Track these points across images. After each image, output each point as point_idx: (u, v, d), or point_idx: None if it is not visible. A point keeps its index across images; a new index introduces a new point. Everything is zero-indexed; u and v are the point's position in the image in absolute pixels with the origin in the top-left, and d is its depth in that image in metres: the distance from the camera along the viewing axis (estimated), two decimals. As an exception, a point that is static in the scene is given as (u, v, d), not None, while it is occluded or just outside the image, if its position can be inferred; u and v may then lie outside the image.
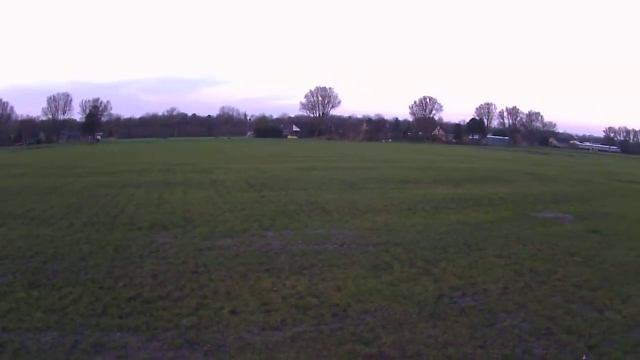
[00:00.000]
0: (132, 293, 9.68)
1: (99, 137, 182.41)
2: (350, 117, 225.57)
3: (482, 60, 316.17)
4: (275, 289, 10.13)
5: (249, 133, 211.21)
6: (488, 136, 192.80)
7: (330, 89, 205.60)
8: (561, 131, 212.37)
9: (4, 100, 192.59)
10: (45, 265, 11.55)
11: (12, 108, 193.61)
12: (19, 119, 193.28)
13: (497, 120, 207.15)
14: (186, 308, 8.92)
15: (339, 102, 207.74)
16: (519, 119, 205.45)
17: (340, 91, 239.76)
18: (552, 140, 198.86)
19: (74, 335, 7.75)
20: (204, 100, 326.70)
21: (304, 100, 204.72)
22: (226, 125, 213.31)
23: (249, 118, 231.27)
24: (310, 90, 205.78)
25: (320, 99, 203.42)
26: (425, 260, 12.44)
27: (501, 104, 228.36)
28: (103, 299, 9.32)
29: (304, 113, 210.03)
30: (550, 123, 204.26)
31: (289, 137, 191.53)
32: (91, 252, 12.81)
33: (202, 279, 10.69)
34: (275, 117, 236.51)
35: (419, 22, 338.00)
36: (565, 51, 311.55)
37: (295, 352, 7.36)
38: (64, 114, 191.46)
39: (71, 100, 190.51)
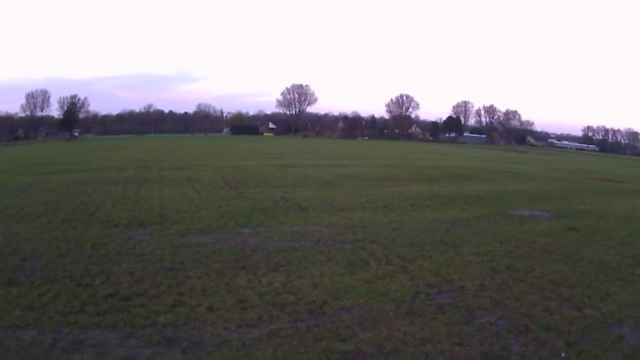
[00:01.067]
0: (109, 290, 9.63)
1: (77, 134, 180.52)
2: (326, 115, 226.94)
3: (459, 58, 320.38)
4: (251, 285, 10.13)
5: (225, 130, 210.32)
6: (465, 134, 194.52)
7: (306, 86, 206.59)
8: (539, 129, 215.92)
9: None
10: (23, 263, 11.45)
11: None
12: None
13: (474, 119, 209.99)
14: (163, 305, 8.90)
15: (315, 99, 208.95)
16: (495, 117, 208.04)
17: (316, 88, 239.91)
18: (530, 139, 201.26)
19: (53, 333, 7.71)
20: (181, 97, 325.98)
21: (280, 97, 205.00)
22: (202, 122, 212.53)
23: (225, 115, 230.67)
24: (287, 87, 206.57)
25: (296, 96, 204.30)
26: (402, 257, 12.51)
27: (478, 102, 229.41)
28: (81, 296, 9.27)
29: (280, 110, 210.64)
30: (528, 121, 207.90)
31: (265, 134, 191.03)
32: (68, 249, 12.71)
33: (179, 275, 10.66)
34: (251, 114, 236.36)
35: (396, 20, 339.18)
36: (542, 50, 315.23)
37: (271, 349, 7.38)
38: (41, 111, 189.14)
39: (49, 97, 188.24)
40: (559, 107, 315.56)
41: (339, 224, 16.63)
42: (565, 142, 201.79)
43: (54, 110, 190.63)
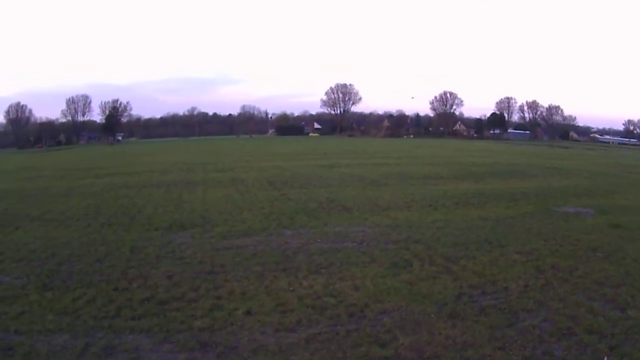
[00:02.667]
0: (146, 294, 9.69)
1: (120, 138, 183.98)
2: (371, 113, 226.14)
3: (502, 53, 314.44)
4: (291, 288, 10.05)
5: (270, 131, 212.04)
6: (509, 130, 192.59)
7: (350, 85, 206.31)
8: (581, 124, 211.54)
9: (22, 103, 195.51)
10: (59, 267, 11.63)
11: (30, 111, 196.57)
12: (38, 121, 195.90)
13: (517, 114, 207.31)
14: (200, 309, 8.88)
15: (360, 99, 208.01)
16: (538, 112, 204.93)
17: (360, 87, 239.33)
18: (573, 134, 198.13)
19: (86, 337, 7.75)
20: (224, 99, 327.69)
21: (325, 97, 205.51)
22: (247, 124, 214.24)
23: (269, 116, 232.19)
24: (331, 87, 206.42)
25: (340, 95, 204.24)
26: (445, 257, 12.30)
27: (521, 98, 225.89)
28: (116, 300, 9.34)
29: (325, 110, 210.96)
30: (570, 116, 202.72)
31: (310, 134, 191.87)
32: (107, 253, 12.88)
33: (218, 279, 10.66)
34: (296, 114, 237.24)
35: (439, 17, 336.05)
36: (583, 44, 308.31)
37: (309, 354, 7.28)
38: (83, 115, 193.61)
39: (90, 102, 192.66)
40: (600, 101, 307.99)
41: (383, 223, 16.46)
42: (607, 137, 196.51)
43: (96, 115, 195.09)
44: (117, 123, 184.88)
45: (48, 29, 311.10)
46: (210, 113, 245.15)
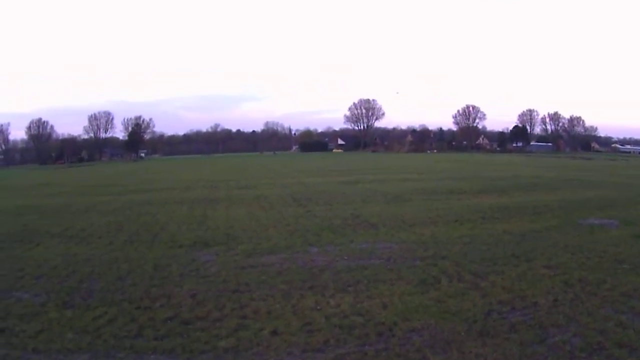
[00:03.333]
0: (169, 313, 9.55)
1: (143, 154, 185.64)
2: (394, 129, 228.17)
3: (523, 65, 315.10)
4: (318, 307, 9.85)
5: (294, 147, 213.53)
6: (531, 143, 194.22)
7: (373, 100, 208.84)
8: (602, 135, 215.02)
9: (43, 119, 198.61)
10: (80, 285, 11.57)
11: (52, 127, 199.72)
12: (59, 137, 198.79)
13: (540, 126, 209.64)
14: (225, 329, 8.71)
15: (383, 114, 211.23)
16: (560, 124, 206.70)
17: (383, 102, 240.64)
18: (594, 145, 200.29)
19: (106, 358, 7.63)
20: (247, 116, 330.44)
21: (348, 113, 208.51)
22: (271, 140, 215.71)
23: (293, 132, 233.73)
24: (354, 103, 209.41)
25: (363, 111, 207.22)
26: (473, 273, 12.09)
27: (543, 110, 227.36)
28: (139, 320, 9.21)
29: (349, 126, 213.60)
30: (592, 127, 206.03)
31: (334, 150, 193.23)
32: (129, 270, 12.80)
33: (243, 298, 10.48)
34: (319, 130, 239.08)
35: (460, 32, 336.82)
36: (605, 54, 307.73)
37: (338, 375, 7.08)
38: (105, 132, 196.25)
39: (112, 118, 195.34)
40: (620, 111, 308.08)
41: (409, 240, 16.22)
42: (629, 147, 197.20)
43: (118, 132, 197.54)
44: (139, 140, 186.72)
45: (70, 46, 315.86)
46: (234, 130, 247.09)
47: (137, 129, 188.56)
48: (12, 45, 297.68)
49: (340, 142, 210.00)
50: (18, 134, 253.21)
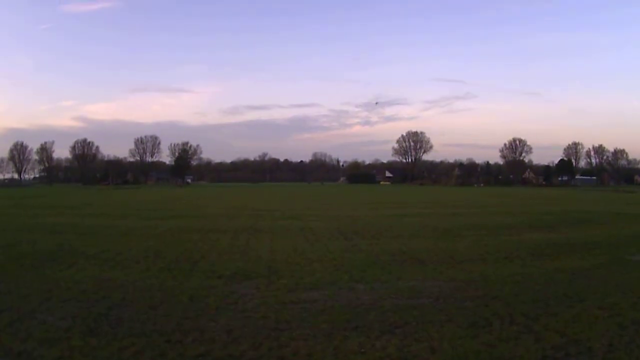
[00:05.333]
0: (201, 349, 9.04)
1: (189, 180, 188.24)
2: (441, 162, 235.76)
3: (567, 98, 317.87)
4: (362, 350, 9.25)
5: (342, 179, 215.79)
6: (576, 176, 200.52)
7: (421, 133, 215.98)
8: None
9: (88, 139, 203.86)
10: (109, 311, 11.28)
11: (97, 148, 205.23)
12: (105, 158, 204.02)
13: (584, 160, 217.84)
14: (261, 371, 8.16)
15: (431, 147, 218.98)
16: (604, 157, 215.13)
17: (431, 135, 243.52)
18: (637, 177, 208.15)
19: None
20: (296, 146, 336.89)
21: (396, 146, 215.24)
22: (318, 171, 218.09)
23: (341, 164, 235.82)
24: (402, 135, 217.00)
25: (412, 143, 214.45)
26: (526, 315, 11.52)
27: (587, 142, 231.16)
28: (167, 354, 8.75)
29: (396, 158, 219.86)
30: (635, 160, 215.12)
31: (381, 182, 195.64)
32: (163, 300, 12.42)
33: (282, 336, 9.89)
34: (367, 162, 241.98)
35: (503, 66, 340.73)
36: None
37: None
38: (151, 156, 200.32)
39: (159, 143, 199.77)
40: None
41: (458, 278, 15.65)
42: None
43: (165, 157, 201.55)
44: (186, 165, 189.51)
45: (118, 68, 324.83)
46: (282, 159, 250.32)
47: (184, 155, 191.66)
48: (59, 66, 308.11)
49: (387, 174, 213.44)
50: (62, 152, 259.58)
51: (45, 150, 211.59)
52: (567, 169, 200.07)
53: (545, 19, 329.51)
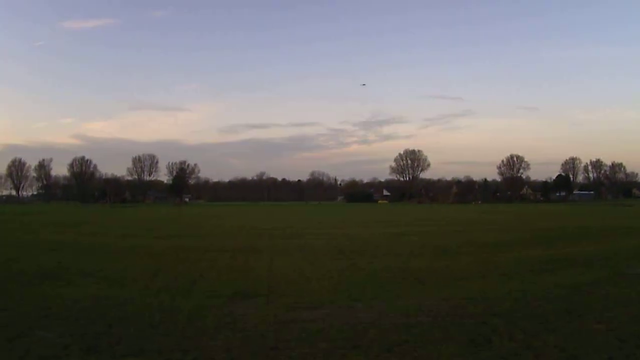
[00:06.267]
0: (200, 368, 8.96)
1: (187, 199, 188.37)
2: (439, 179, 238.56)
3: (564, 115, 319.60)
4: (361, 370, 9.17)
5: (339, 198, 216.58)
6: (574, 192, 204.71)
7: (419, 151, 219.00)
8: None
9: (87, 157, 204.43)
10: (108, 329, 11.26)
11: (95, 166, 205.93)
12: (103, 176, 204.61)
13: (582, 174, 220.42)
14: (260, 391, 8.18)
15: (428, 165, 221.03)
16: (602, 171, 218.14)
17: (429, 153, 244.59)
18: (635, 191, 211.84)
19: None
20: (293, 165, 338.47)
21: (394, 164, 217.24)
22: (316, 190, 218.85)
23: (339, 182, 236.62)
24: (400, 154, 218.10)
25: (409, 162, 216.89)
26: (525, 331, 11.52)
27: (585, 157, 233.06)
28: (166, 373, 8.68)
29: (394, 177, 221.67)
30: (632, 173, 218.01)
31: (379, 201, 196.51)
32: (162, 319, 12.39)
33: (281, 356, 9.89)
34: (365, 181, 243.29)
35: (502, 80, 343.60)
36: None
37: None
38: (149, 175, 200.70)
39: (157, 162, 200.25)
40: None
41: (458, 295, 15.64)
42: None
43: (162, 175, 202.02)
44: (184, 184, 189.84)
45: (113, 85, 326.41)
46: (280, 178, 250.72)
47: (182, 174, 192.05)
48: (58, 84, 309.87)
49: (385, 193, 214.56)
50: (60, 169, 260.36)
51: (43, 168, 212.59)
52: (564, 185, 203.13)
53: (542, 34, 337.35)
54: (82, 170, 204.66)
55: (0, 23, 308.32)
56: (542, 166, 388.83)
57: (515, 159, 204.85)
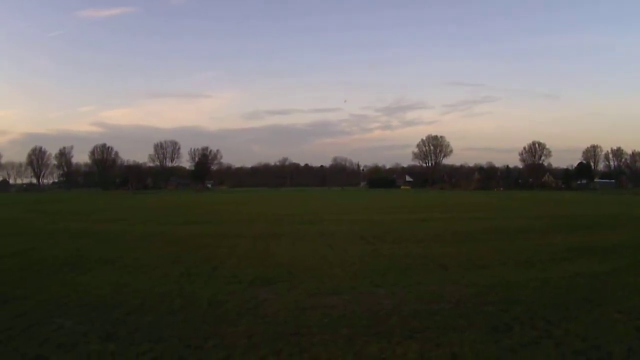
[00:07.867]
0: (220, 355, 9.03)
1: (209, 185, 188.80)
2: (461, 166, 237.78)
3: (586, 102, 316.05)
4: (383, 356, 9.19)
5: (362, 183, 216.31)
6: (595, 180, 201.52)
7: (441, 137, 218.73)
8: None
9: (108, 145, 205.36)
10: (127, 317, 11.27)
11: (116, 153, 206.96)
12: (125, 163, 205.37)
13: (603, 163, 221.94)
14: (281, 377, 8.10)
15: (451, 151, 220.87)
16: (623, 160, 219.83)
17: (451, 139, 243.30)
18: None
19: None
20: (316, 151, 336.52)
21: (416, 150, 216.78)
22: (339, 176, 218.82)
23: (361, 168, 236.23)
24: (422, 139, 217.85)
25: (432, 148, 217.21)
26: (546, 320, 11.42)
27: (606, 145, 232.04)
28: (187, 360, 8.66)
29: (417, 163, 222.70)
30: None
31: (401, 187, 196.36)
32: (182, 305, 12.41)
33: (303, 342, 9.83)
34: (388, 167, 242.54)
35: (524, 67, 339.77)
36: None
37: None
38: (171, 161, 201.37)
39: (179, 148, 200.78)
40: None
41: (479, 282, 15.49)
42: None
43: (185, 162, 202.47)
44: (206, 170, 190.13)
45: (136, 73, 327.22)
46: (302, 164, 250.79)
47: (204, 160, 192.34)
48: (77, 72, 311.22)
49: (408, 179, 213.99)
50: (81, 157, 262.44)
51: (64, 155, 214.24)
52: (585, 172, 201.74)
53: (564, 21, 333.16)
54: (104, 157, 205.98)
55: (19, 13, 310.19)
56: (564, 153, 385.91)
57: (537, 145, 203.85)
